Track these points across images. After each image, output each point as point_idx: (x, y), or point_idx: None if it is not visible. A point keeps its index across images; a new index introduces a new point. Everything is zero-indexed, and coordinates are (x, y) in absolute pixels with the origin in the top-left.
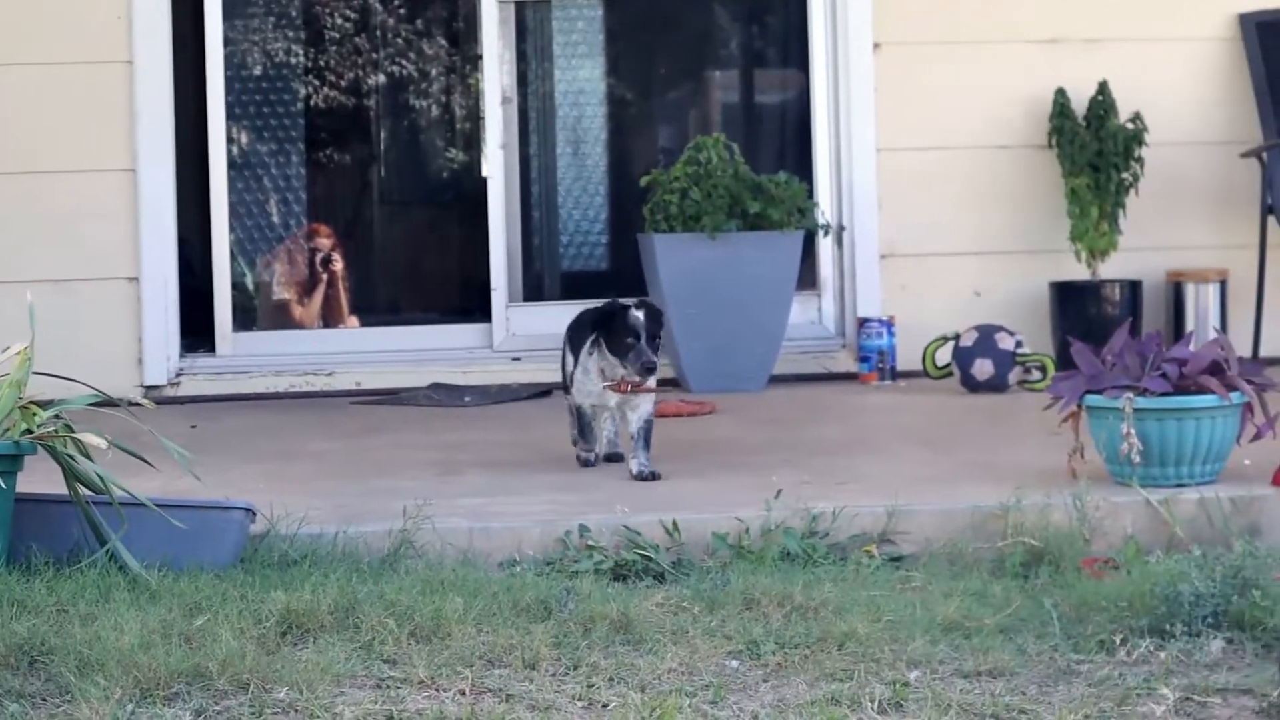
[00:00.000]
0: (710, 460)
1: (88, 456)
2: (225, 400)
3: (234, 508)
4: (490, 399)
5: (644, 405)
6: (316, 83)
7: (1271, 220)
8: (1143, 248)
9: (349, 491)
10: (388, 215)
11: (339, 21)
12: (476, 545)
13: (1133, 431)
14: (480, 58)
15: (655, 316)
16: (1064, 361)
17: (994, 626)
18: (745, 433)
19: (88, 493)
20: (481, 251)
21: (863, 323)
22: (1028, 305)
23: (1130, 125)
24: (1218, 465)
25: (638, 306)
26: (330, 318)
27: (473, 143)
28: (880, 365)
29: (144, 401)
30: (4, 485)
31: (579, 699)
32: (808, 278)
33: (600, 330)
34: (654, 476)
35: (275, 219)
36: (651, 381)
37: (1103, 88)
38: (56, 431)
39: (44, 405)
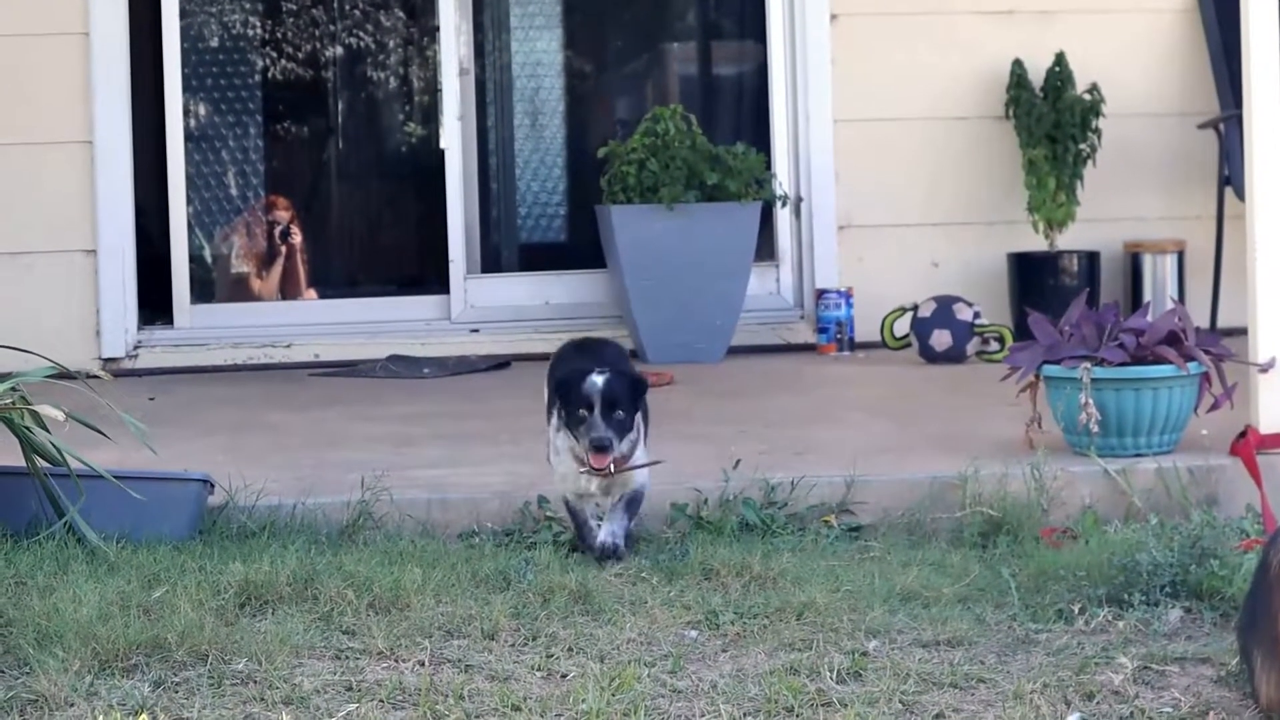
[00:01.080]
0: (668, 431)
1: (45, 429)
2: (183, 373)
3: (192, 479)
4: (448, 370)
5: (638, 478)
6: (274, 55)
7: (1229, 192)
8: (1100, 219)
9: (307, 463)
10: (346, 187)
11: None
12: (435, 517)
13: (1091, 401)
14: (437, 29)
15: (618, 384)
16: (1022, 332)
17: (952, 596)
18: (703, 403)
19: (45, 465)
20: (439, 223)
21: (821, 294)
22: (986, 276)
23: (1087, 96)
24: (1175, 435)
25: (600, 372)
26: (288, 290)
27: (430, 115)
28: (839, 336)
29: (101, 374)
30: None
31: (538, 669)
32: (766, 249)
33: (559, 399)
34: (616, 554)
35: (233, 191)
36: (638, 454)
37: (1059, 59)
38: (13, 404)
39: (1, 378)
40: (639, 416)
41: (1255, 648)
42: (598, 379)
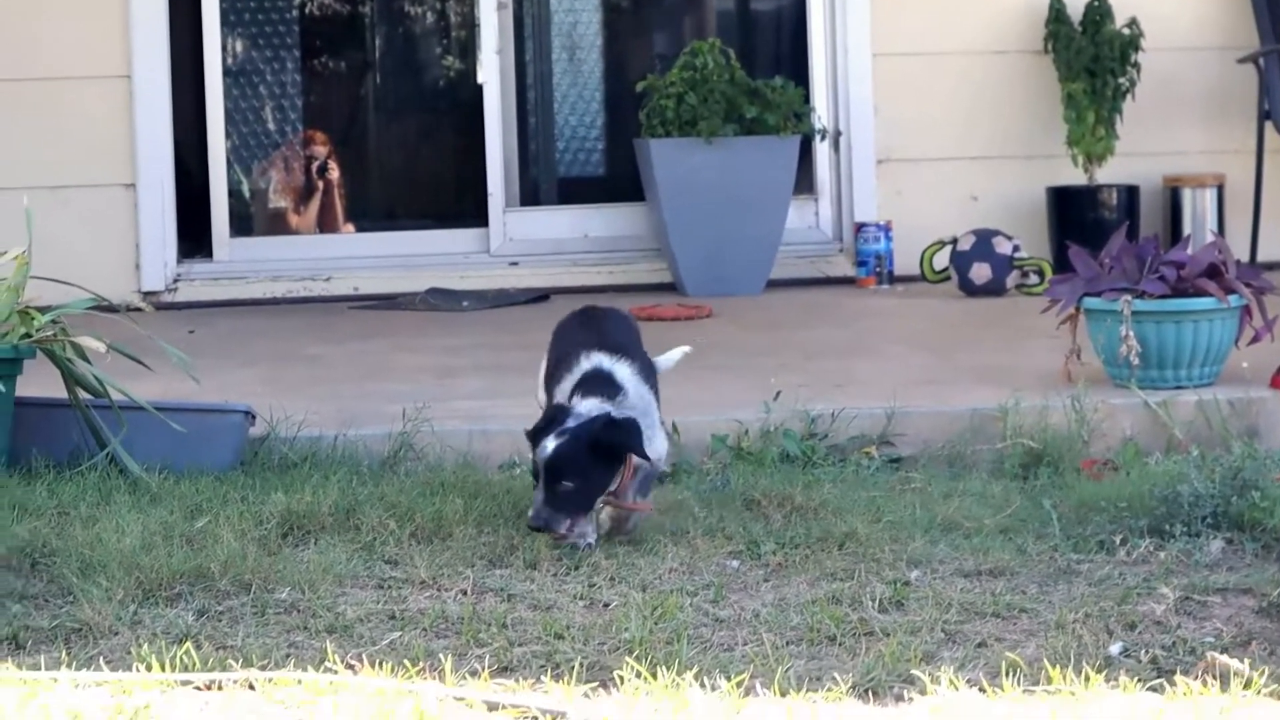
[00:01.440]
0: (708, 363)
1: (86, 360)
2: (222, 305)
3: (233, 410)
4: (487, 303)
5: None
6: None
7: (1269, 126)
8: (1140, 153)
9: (348, 395)
10: (384, 122)
11: None
12: (475, 447)
13: (1131, 334)
14: None
15: (567, 457)
16: (1061, 266)
17: (994, 527)
18: (743, 336)
19: (87, 396)
20: (478, 157)
21: (860, 227)
22: (1025, 210)
23: (1126, 30)
24: (1216, 368)
25: (559, 434)
26: (326, 225)
27: (468, 49)
28: (878, 269)
29: (142, 306)
30: (3, 389)
31: (580, 599)
32: (804, 182)
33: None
34: (570, 541)
35: (271, 126)
36: (634, 498)
37: None
38: (55, 335)
39: (42, 310)
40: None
41: None
42: (548, 445)
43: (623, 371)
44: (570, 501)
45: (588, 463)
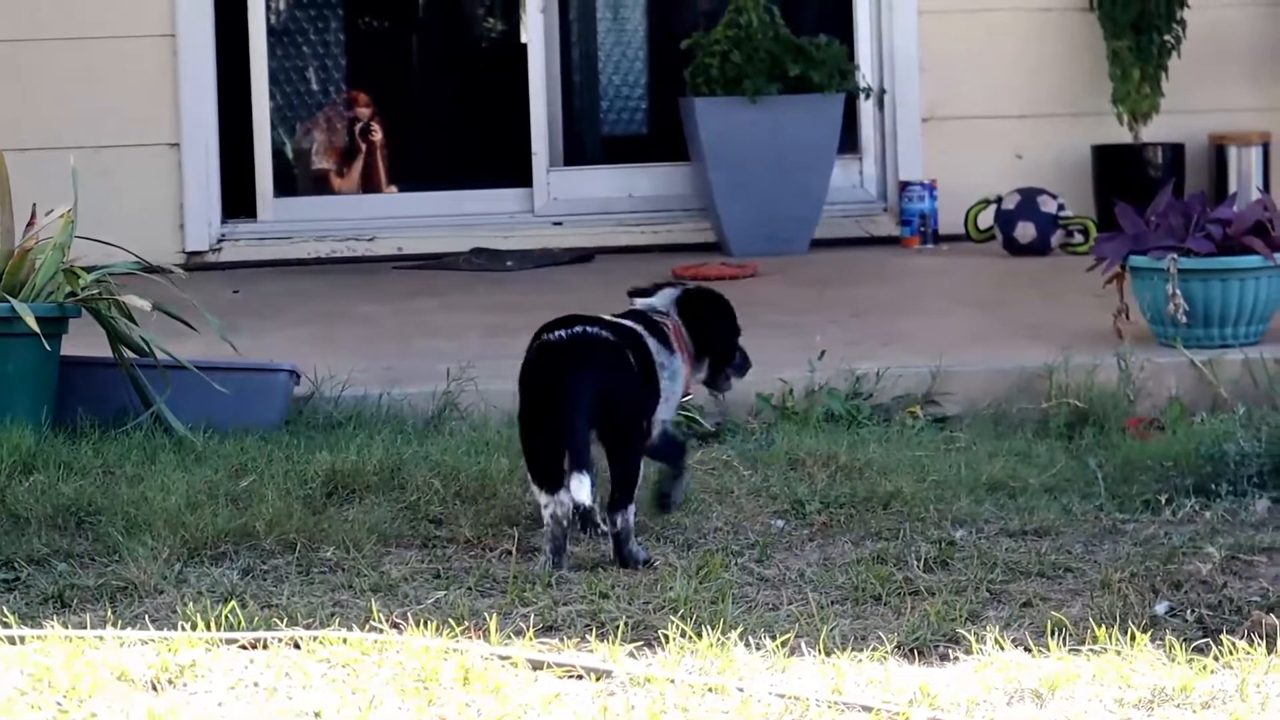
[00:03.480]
0: (753, 322)
1: (132, 320)
2: (267, 265)
3: (278, 370)
4: (532, 263)
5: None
6: None
7: None
8: (1185, 110)
9: (392, 354)
10: (427, 81)
11: None
12: None
13: (1178, 292)
14: None
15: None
16: (1106, 224)
17: (1039, 486)
18: (787, 295)
19: (132, 356)
20: (522, 116)
21: (904, 186)
22: (1069, 168)
23: None
24: (1262, 326)
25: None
26: (370, 184)
27: (512, 8)
28: (922, 229)
29: (175, 269)
30: (49, 348)
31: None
32: (849, 141)
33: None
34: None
35: (314, 86)
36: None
37: None
38: (100, 295)
39: (87, 270)
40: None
41: None
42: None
43: None
44: None
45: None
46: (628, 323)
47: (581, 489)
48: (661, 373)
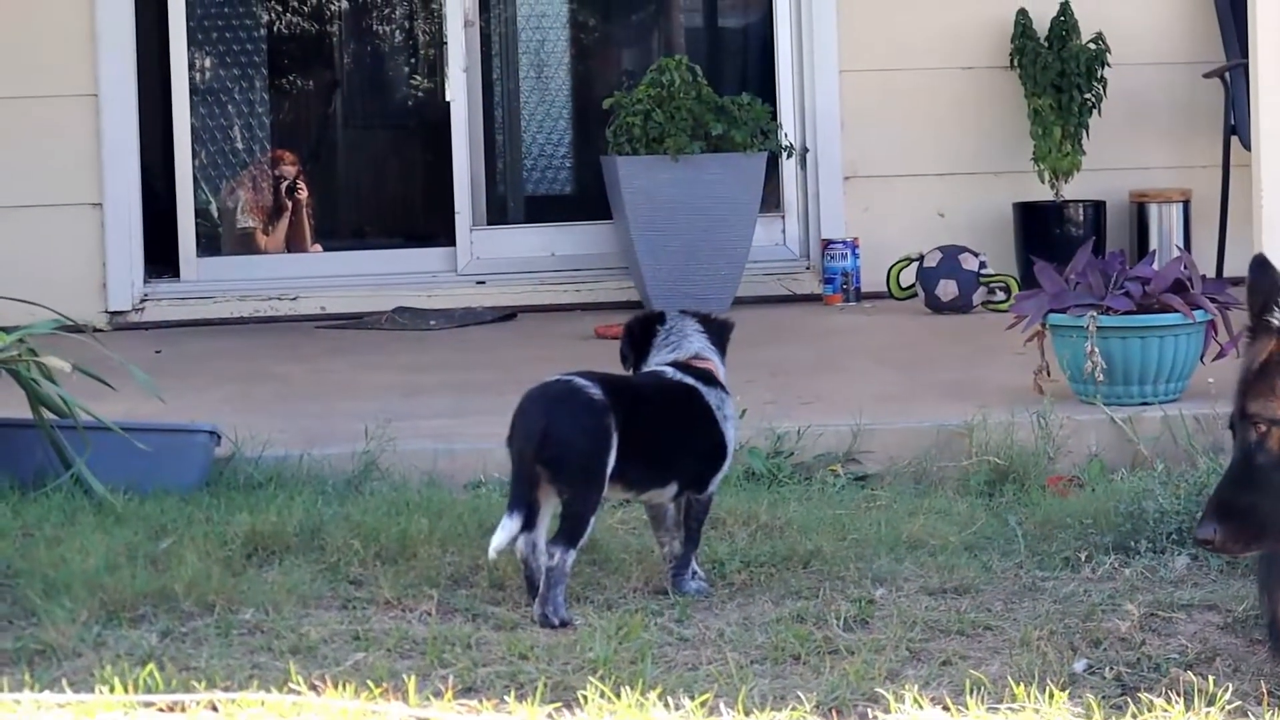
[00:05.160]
0: None
1: (52, 380)
2: (190, 325)
3: (199, 431)
4: (455, 322)
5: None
6: (279, 8)
7: (1235, 141)
8: (1106, 168)
9: (314, 414)
10: (351, 140)
11: None
12: (441, 467)
13: (1096, 350)
14: None
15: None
16: (1028, 282)
17: (959, 544)
18: None
19: (52, 417)
20: (445, 175)
21: (827, 244)
22: (991, 226)
23: (1092, 45)
24: (1181, 384)
25: None
26: (294, 244)
27: (436, 67)
28: (844, 286)
29: (104, 328)
30: None
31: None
32: (771, 200)
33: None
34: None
35: (239, 145)
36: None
37: (1064, 8)
38: (20, 355)
39: (7, 330)
40: None
41: (1275, 586)
42: None
43: None
44: None
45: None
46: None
47: None
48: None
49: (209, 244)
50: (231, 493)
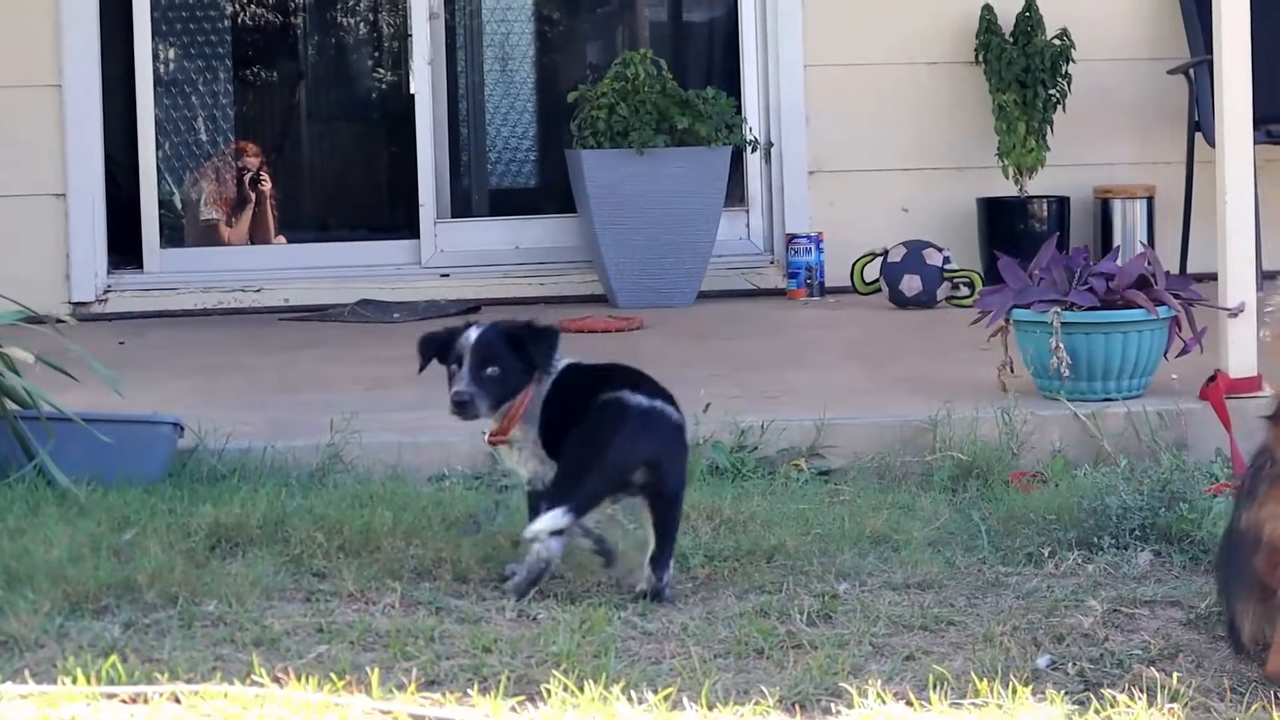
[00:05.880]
0: None
1: (15, 371)
2: (153, 317)
3: (162, 422)
4: (419, 315)
5: (515, 466)
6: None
7: (1199, 137)
8: (1070, 164)
9: (278, 406)
10: (316, 133)
11: None
12: (406, 460)
13: (1061, 345)
14: None
15: (496, 336)
16: (992, 277)
17: (922, 539)
18: (673, 347)
19: (15, 408)
20: (409, 168)
21: (791, 239)
22: (956, 221)
23: (1057, 42)
24: (1145, 379)
25: (478, 326)
26: (258, 236)
27: (400, 60)
28: (809, 281)
29: (68, 319)
30: None
31: (509, 612)
32: (736, 194)
33: (438, 360)
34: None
35: (203, 136)
36: (516, 432)
37: (1029, 4)
38: None
39: None
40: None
41: (1235, 591)
42: (470, 333)
43: None
44: (493, 388)
45: (509, 353)
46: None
47: None
48: None
49: (173, 235)
50: (195, 484)
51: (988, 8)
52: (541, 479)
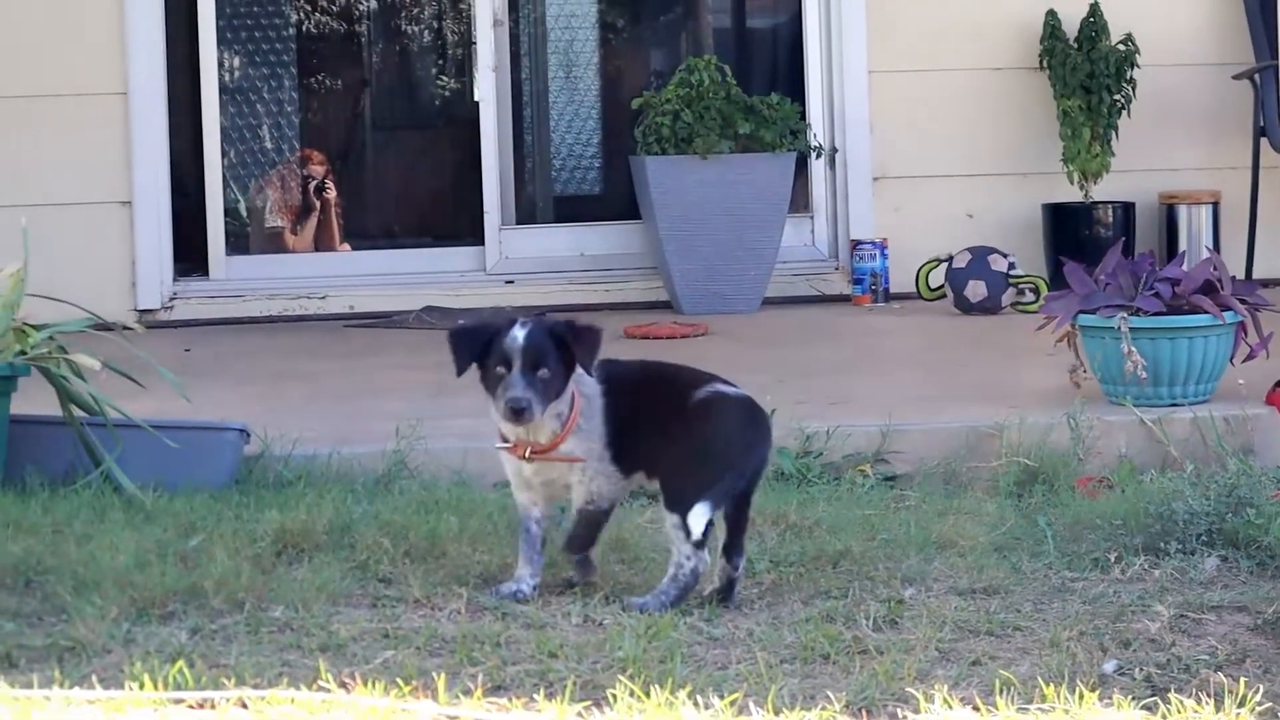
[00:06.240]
0: None
1: (82, 378)
2: (219, 324)
3: (228, 429)
4: None
5: (574, 484)
6: (308, 7)
7: (1264, 142)
8: (1135, 170)
9: (343, 413)
10: (380, 140)
11: None
12: (470, 466)
13: (1134, 350)
14: None
15: (543, 335)
16: (1057, 283)
17: (988, 545)
18: (738, 354)
19: (82, 414)
20: (474, 175)
21: (856, 245)
22: (1021, 227)
23: (1122, 47)
24: (1211, 385)
25: (522, 324)
26: (323, 244)
27: (465, 67)
28: (873, 287)
29: (135, 326)
30: None
31: (574, 617)
32: (800, 200)
33: (477, 361)
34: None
35: (268, 144)
36: (571, 446)
37: (1093, 9)
38: (50, 353)
39: (38, 328)
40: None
41: None
42: (518, 332)
43: None
44: (544, 390)
45: (556, 354)
46: None
47: None
48: None
49: (238, 243)
50: (261, 491)
51: (1052, 13)
52: (608, 498)
